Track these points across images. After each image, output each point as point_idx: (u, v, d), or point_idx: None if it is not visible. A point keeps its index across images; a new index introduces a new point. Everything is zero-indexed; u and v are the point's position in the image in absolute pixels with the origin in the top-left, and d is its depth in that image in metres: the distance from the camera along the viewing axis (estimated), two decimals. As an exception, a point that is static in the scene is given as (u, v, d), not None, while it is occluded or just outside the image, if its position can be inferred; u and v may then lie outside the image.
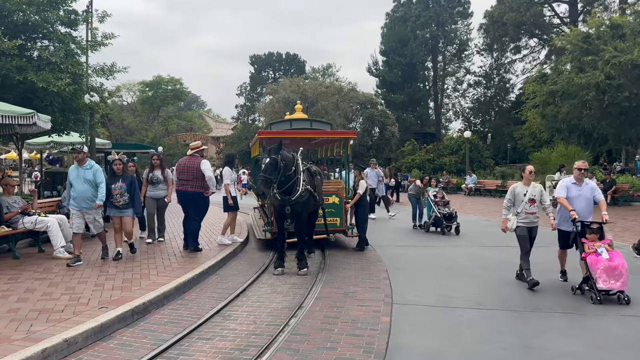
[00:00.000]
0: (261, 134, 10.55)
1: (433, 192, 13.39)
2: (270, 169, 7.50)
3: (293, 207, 8.01)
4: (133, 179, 8.93)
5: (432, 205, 13.06)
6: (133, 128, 56.88)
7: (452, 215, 12.82)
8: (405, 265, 9.16)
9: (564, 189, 7.50)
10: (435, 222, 12.89)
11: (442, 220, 12.64)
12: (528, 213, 7.61)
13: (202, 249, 9.63)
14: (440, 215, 12.71)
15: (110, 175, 8.97)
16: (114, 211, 8.82)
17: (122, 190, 8.64)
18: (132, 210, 8.86)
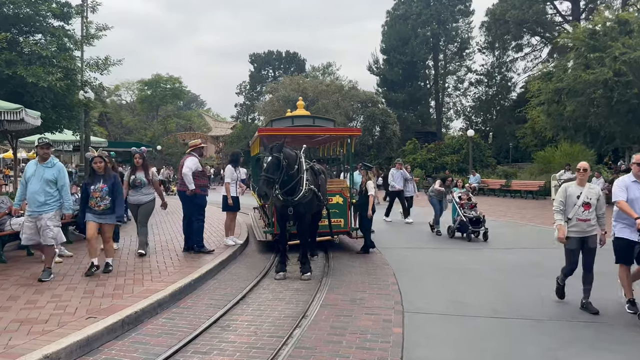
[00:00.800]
0: (261, 131, 10.11)
1: (458, 193, 12.16)
2: (272, 168, 7.06)
3: (296, 208, 7.56)
4: (116, 179, 7.59)
5: (457, 208, 11.86)
6: (132, 127, 56.37)
7: (480, 219, 11.61)
8: (413, 268, 8.71)
9: (622, 189, 6.03)
10: (461, 227, 11.75)
11: (468, 225, 11.47)
12: (580, 220, 6.25)
13: (210, 250, 9.21)
14: (466, 219, 11.54)
15: (89, 175, 7.73)
16: (91, 216, 7.33)
17: (103, 192, 7.28)
18: (114, 216, 7.45)
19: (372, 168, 10.65)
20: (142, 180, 8.80)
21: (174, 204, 19.79)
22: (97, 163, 7.44)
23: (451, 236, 11.86)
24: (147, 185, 8.86)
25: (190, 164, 9.11)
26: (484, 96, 51.68)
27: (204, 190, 9.26)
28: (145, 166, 8.99)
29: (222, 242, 10.21)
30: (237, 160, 10.50)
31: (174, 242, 10.43)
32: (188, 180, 9.00)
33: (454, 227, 11.92)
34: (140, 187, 8.82)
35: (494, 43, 48.84)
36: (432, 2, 52.98)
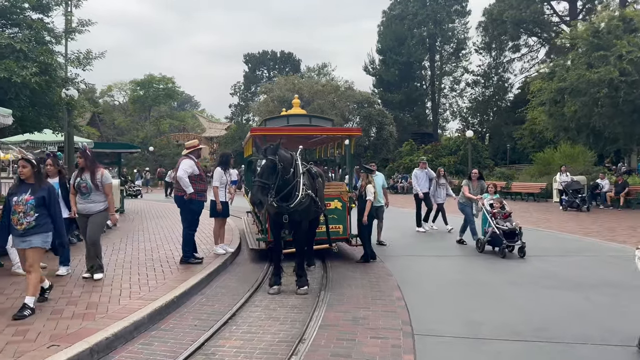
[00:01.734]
0: (254, 131, 9.39)
1: (489, 200, 10.48)
2: (267, 172, 6.34)
3: (291, 216, 6.84)
4: (51, 190, 5.81)
5: (488, 217, 10.17)
6: (124, 128, 55.49)
7: (515, 231, 9.85)
8: (419, 280, 8.01)
9: None
10: (493, 240, 10.05)
11: (502, 238, 9.75)
12: None
13: (199, 259, 8.50)
14: (500, 231, 9.83)
15: (16, 183, 5.98)
16: (16, 241, 5.70)
17: (27, 206, 5.58)
18: (40, 237, 5.62)
19: (372, 171, 9.89)
20: (87, 184, 7.13)
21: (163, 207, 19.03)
22: (21, 168, 5.77)
23: (480, 250, 10.24)
24: (96, 190, 7.16)
25: (186, 167, 8.37)
26: (480, 97, 51.16)
27: (201, 196, 8.49)
28: (92, 167, 7.24)
29: (212, 250, 9.47)
30: (226, 162, 9.75)
31: (159, 250, 9.70)
32: (184, 184, 8.28)
33: (484, 240, 10.23)
34: (87, 193, 7.16)
35: (490, 43, 48.33)
36: (429, 2, 52.51)
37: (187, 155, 8.62)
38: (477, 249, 10.40)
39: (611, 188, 20.05)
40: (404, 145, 43.06)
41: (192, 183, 8.33)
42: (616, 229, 14.07)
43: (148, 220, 15.10)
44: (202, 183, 8.57)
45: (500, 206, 10.35)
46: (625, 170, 27.91)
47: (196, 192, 8.35)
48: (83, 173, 7.22)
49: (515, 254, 9.79)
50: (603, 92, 18.65)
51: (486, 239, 10.18)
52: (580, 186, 18.61)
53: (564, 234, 12.98)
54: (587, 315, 6.16)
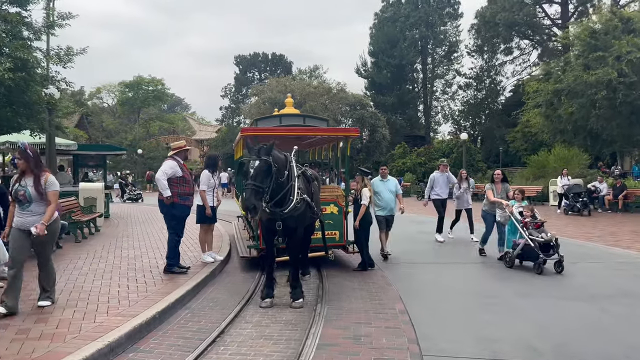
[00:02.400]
0: (245, 131, 8.81)
1: (518, 208, 9.19)
2: (261, 174, 5.78)
3: (285, 222, 6.27)
4: None
5: (519, 228, 8.85)
6: (112, 130, 54.58)
7: (552, 243, 8.53)
8: (422, 290, 7.48)
9: None
10: (525, 254, 8.75)
11: (538, 252, 8.42)
12: None
13: (185, 268, 7.89)
14: (535, 243, 8.50)
15: None
16: None
17: None
18: None
19: (369, 174, 9.36)
20: (27, 192, 5.67)
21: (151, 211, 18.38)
22: None
23: (509, 265, 8.92)
24: (39, 200, 5.70)
25: (166, 168, 7.76)
26: (472, 100, 50.94)
27: (185, 200, 7.85)
28: (36, 170, 5.75)
29: (199, 258, 8.88)
30: (214, 164, 9.18)
31: (143, 258, 9.08)
32: (161, 186, 7.64)
33: (513, 255, 8.85)
34: (26, 204, 5.68)
35: (482, 46, 48.14)
36: (421, 5, 52.24)
37: (172, 156, 8.03)
38: (505, 263, 9.04)
39: (609, 191, 19.69)
40: (396, 148, 42.64)
41: (174, 186, 7.72)
42: (617, 233, 13.67)
43: (133, 226, 14.46)
44: (186, 186, 7.93)
45: (532, 214, 8.98)
46: (619, 173, 27.68)
47: (178, 196, 7.75)
48: (23, 178, 5.77)
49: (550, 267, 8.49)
50: (601, 94, 18.28)
51: (517, 252, 8.79)
52: (581, 190, 18.21)
53: (565, 239, 12.44)
54: (607, 330, 5.69)
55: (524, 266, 9.00)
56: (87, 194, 13.85)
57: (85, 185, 14.47)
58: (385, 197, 9.51)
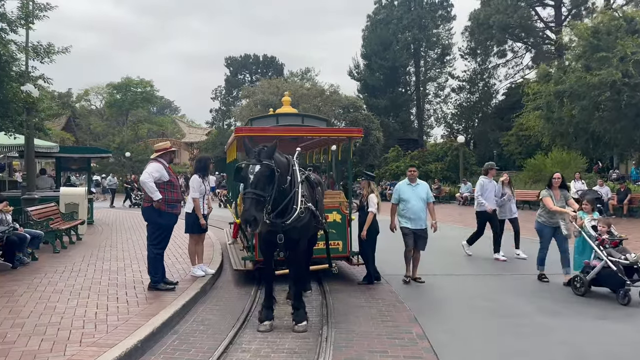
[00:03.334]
0: (240, 131, 8.04)
1: (590, 221, 7.54)
2: (262, 181, 4.99)
3: (288, 234, 5.48)
4: None
5: (594, 246, 7.23)
6: (100, 133, 53.42)
7: (636, 266, 6.86)
8: (439, 309, 6.73)
9: None
10: (602, 279, 7.11)
11: (623, 277, 6.77)
12: None
13: (172, 284, 7.08)
14: (617, 267, 6.83)
15: None
16: None
17: None
18: None
19: (374, 178, 8.59)
20: None
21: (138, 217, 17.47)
22: None
23: (582, 293, 7.24)
24: None
25: (151, 170, 6.90)
26: (465, 103, 50.57)
27: (173, 207, 7.03)
28: None
29: (189, 272, 8.07)
30: (204, 167, 8.33)
31: (126, 272, 8.25)
32: (149, 189, 6.77)
33: (586, 280, 7.21)
34: None
35: (476, 49, 47.78)
36: (414, 7, 51.78)
37: (156, 158, 7.20)
38: (575, 290, 7.38)
39: (613, 196, 19.10)
40: (390, 151, 42.00)
41: (161, 191, 6.88)
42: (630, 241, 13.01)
43: (118, 233, 13.59)
44: (174, 192, 7.10)
45: (608, 229, 7.34)
46: (616, 176, 27.21)
47: (166, 203, 6.92)
48: None
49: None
50: (605, 96, 17.70)
51: (591, 276, 7.14)
52: (597, 195, 17.30)
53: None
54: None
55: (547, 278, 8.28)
56: (68, 199, 12.96)
57: (66, 190, 13.56)
58: (414, 206, 7.90)
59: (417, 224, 7.95)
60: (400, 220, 8.08)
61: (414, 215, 7.91)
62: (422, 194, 8.02)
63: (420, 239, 7.99)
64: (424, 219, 8.01)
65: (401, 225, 8.03)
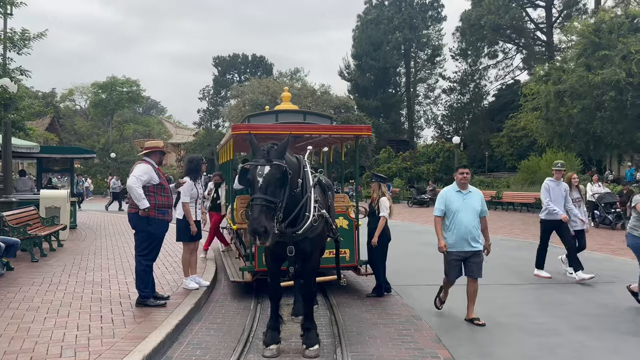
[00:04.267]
0: (238, 129, 7.31)
1: None
2: (273, 185, 4.30)
3: (299, 246, 4.77)
4: None
5: None
6: (84, 133, 52.17)
7: None
8: (462, 326, 6.04)
9: None
10: None
11: None
12: None
13: (163, 299, 6.36)
14: None
15: None
16: None
17: None
18: None
19: (386, 180, 7.90)
20: None
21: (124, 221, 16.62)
22: None
23: None
24: None
25: (139, 172, 6.11)
26: (456, 104, 50.29)
27: (163, 213, 6.26)
28: None
29: (181, 284, 7.32)
30: (196, 169, 7.58)
31: (111, 284, 7.46)
32: (135, 196, 5.99)
33: None
34: None
35: (467, 50, 47.52)
36: (404, 7, 51.39)
37: (143, 158, 6.43)
38: None
39: (616, 198, 18.61)
40: (381, 153, 41.51)
41: (150, 195, 6.12)
42: None
43: (103, 239, 12.76)
44: (165, 196, 6.33)
45: None
46: (612, 178, 26.90)
47: (156, 208, 6.16)
48: None
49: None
50: (609, 95, 17.23)
51: None
52: (614, 199, 16.60)
53: (615, 257, 11.00)
54: None
55: (570, 289, 7.66)
56: (49, 202, 12.09)
57: (46, 193, 12.68)
58: (464, 220, 5.96)
59: (469, 244, 5.97)
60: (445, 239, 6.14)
61: (465, 233, 5.95)
62: (476, 205, 6.07)
63: (473, 265, 6.02)
64: (477, 237, 6.04)
65: (439, 246, 6.12)
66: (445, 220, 6.12)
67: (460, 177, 6.13)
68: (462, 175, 6.12)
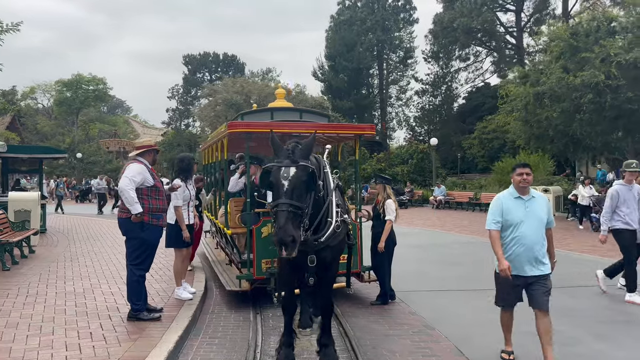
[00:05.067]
0: (235, 126, 6.83)
1: None
2: (300, 188, 3.86)
3: (320, 255, 4.33)
4: None
5: None
6: (48, 133, 50.28)
7: None
8: (476, 333, 5.70)
9: None
10: None
11: None
12: None
13: (156, 312, 5.81)
14: None
15: None
16: None
17: None
18: None
19: (391, 181, 7.54)
20: None
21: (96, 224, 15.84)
22: None
23: None
24: None
25: (133, 173, 5.57)
26: (428, 106, 50.64)
27: (158, 218, 5.73)
28: None
29: (172, 294, 6.78)
30: (187, 169, 7.10)
31: (95, 294, 6.86)
32: (127, 200, 5.44)
33: None
34: None
35: (438, 52, 47.92)
36: (377, 9, 51.40)
37: (136, 158, 5.89)
38: None
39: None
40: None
41: (144, 198, 5.58)
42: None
43: (77, 243, 12.02)
44: (159, 199, 5.79)
45: None
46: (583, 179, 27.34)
47: (150, 213, 5.64)
48: None
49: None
50: (588, 97, 17.35)
51: None
52: None
53: None
54: None
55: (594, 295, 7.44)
56: (18, 205, 11.28)
57: (15, 196, 11.85)
58: (528, 234, 4.62)
59: (534, 266, 4.63)
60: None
61: (529, 252, 4.60)
62: (541, 214, 4.70)
63: (538, 293, 4.61)
64: (543, 257, 4.67)
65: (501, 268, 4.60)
66: (503, 233, 4.76)
67: (519, 178, 4.68)
68: (522, 176, 4.66)
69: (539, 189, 21.55)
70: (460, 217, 21.64)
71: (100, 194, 24.25)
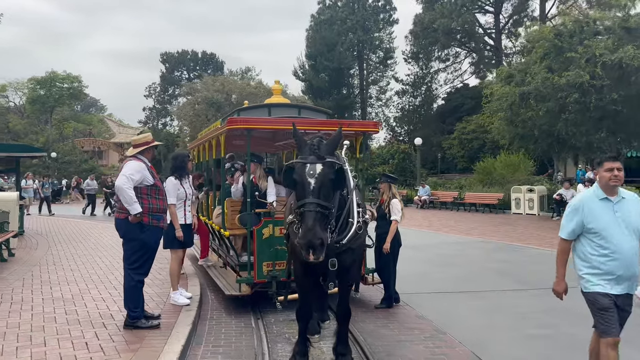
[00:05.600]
0: (234, 122, 6.50)
1: None
2: (327, 186, 3.59)
3: (340, 257, 4.05)
4: None
5: None
6: (20, 131, 48.84)
7: None
8: (492, 338, 5.52)
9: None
10: None
11: None
12: None
13: (154, 319, 5.44)
14: None
15: None
16: None
17: None
18: None
19: (396, 180, 7.32)
20: None
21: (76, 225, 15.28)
22: None
23: None
24: None
25: (131, 172, 5.20)
26: (408, 106, 50.84)
27: (158, 219, 5.38)
28: None
29: (168, 299, 6.43)
30: (181, 166, 6.77)
31: (86, 299, 6.46)
32: (126, 199, 5.09)
33: None
34: None
35: (418, 53, 48.16)
36: (357, 9, 51.36)
37: (136, 156, 5.53)
38: None
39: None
40: (338, 154, 41.16)
41: (144, 198, 5.24)
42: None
43: (58, 246, 11.50)
44: (160, 199, 5.45)
45: None
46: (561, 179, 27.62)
47: (150, 213, 5.29)
48: None
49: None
50: (573, 97, 17.48)
51: None
52: None
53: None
54: None
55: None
56: (-5, 206, 10.72)
57: (-8, 196, 11.29)
58: (622, 244, 3.68)
59: (628, 285, 3.75)
60: (585, 277, 3.83)
61: (624, 267, 3.67)
62: (635, 219, 3.73)
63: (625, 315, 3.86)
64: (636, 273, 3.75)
65: (590, 290, 3.80)
66: (581, 244, 3.82)
67: (609, 175, 3.69)
68: (612, 172, 3.68)
69: (524, 188, 21.75)
70: (445, 216, 21.58)
71: (90, 194, 22.91)
